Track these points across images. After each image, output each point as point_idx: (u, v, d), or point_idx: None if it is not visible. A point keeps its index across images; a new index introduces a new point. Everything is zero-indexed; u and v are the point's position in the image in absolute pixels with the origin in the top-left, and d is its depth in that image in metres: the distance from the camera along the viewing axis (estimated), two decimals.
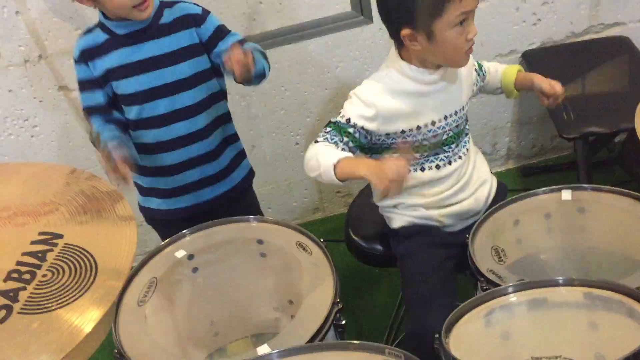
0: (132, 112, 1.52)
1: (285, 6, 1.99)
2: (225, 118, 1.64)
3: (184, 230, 1.46)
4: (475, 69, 1.52)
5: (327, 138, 1.33)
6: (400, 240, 1.51)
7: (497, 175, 1.57)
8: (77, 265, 0.77)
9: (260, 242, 1.45)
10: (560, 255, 1.43)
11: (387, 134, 1.37)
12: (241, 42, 1.47)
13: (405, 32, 1.27)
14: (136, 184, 1.68)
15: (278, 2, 1.98)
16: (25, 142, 2.07)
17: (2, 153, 2.07)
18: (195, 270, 1.45)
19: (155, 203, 1.67)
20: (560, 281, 1.05)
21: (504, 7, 2.14)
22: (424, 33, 1.26)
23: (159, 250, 1.43)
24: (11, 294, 0.74)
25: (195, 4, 1.54)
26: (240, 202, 1.71)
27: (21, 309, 0.73)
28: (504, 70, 1.57)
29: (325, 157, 1.27)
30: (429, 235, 1.47)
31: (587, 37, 2.26)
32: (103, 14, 1.47)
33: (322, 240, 1.37)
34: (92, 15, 1.86)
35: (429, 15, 1.23)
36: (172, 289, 1.42)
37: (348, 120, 1.34)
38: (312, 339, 1.15)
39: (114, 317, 1.25)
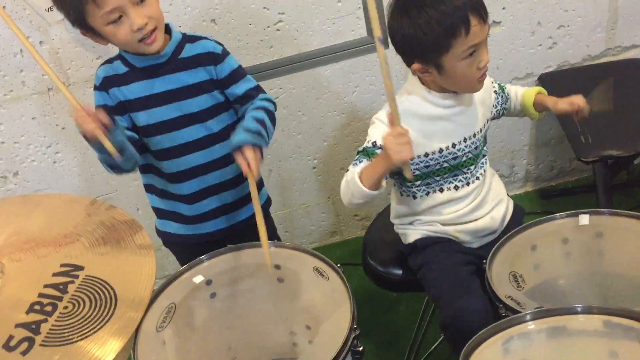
0: (150, 144, 1.55)
1: (302, 33, 2.01)
2: None
3: (202, 256, 1.47)
4: (495, 91, 1.53)
5: (355, 164, 1.36)
6: (417, 253, 1.51)
7: (515, 197, 1.57)
8: (98, 297, 0.78)
9: (277, 267, 1.45)
10: (579, 281, 1.41)
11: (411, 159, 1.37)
12: (255, 104, 1.53)
13: (415, 66, 1.31)
14: (156, 208, 1.70)
15: (295, 29, 2.01)
16: (48, 168, 2.10)
17: (25, 179, 2.11)
18: (213, 295, 1.46)
19: (174, 227, 1.68)
20: (579, 309, 1.04)
21: (520, 32, 2.15)
22: (434, 67, 1.28)
23: (177, 275, 1.43)
24: (33, 326, 0.75)
25: (217, 42, 1.56)
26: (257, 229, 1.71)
27: (43, 341, 0.74)
28: (523, 93, 1.58)
29: (350, 176, 1.32)
30: (446, 245, 1.47)
31: (604, 59, 2.25)
32: None
33: (339, 265, 1.37)
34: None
35: (436, 52, 1.25)
36: (190, 315, 1.43)
37: (374, 143, 1.36)
38: None
39: (134, 343, 1.25)
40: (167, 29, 1.49)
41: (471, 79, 1.30)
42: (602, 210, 1.41)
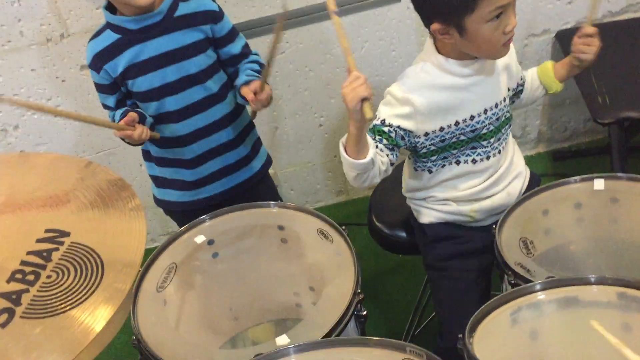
0: (150, 109, 1.52)
1: None
2: (241, 107, 1.63)
3: (204, 216, 1.45)
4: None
5: None
6: (429, 244, 1.47)
7: (527, 159, 1.51)
8: (84, 266, 0.75)
9: (281, 228, 1.43)
10: (591, 247, 1.38)
11: (426, 134, 1.31)
12: (249, 58, 1.56)
13: (435, 26, 1.21)
14: (154, 177, 1.68)
15: None
16: (48, 121, 2.07)
17: (26, 133, 2.08)
18: (215, 255, 1.44)
19: (175, 195, 1.66)
20: (592, 279, 1.00)
21: None
22: (455, 28, 1.19)
23: (178, 235, 1.42)
24: (14, 297, 0.73)
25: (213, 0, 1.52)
26: (259, 189, 1.69)
27: (23, 312, 0.71)
28: (537, 69, 1.49)
29: (340, 148, 1.27)
30: (460, 241, 1.43)
31: (626, 16, 2.16)
32: (110, 12, 1.44)
33: (343, 227, 1.34)
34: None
35: (459, 11, 1.15)
36: (191, 275, 1.41)
37: (383, 121, 1.30)
38: (332, 329, 1.13)
39: (133, 304, 1.24)
40: None
41: (495, 44, 1.21)
42: (619, 175, 1.36)
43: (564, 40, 2.12)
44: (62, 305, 0.72)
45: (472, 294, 1.38)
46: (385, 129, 1.29)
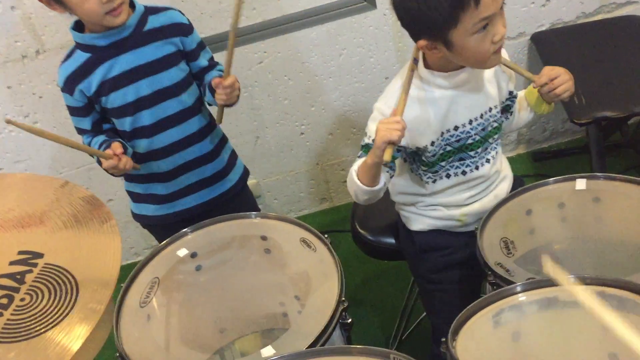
0: (125, 124, 1.51)
1: None
2: (211, 125, 1.62)
3: (185, 229, 1.44)
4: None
5: (357, 161, 1.30)
6: (419, 254, 1.47)
7: (508, 160, 1.51)
8: (57, 287, 0.74)
9: (264, 238, 1.42)
10: (574, 246, 1.39)
11: (418, 148, 1.30)
12: (216, 68, 1.57)
13: (422, 42, 1.18)
14: (130, 192, 1.67)
15: None
16: (27, 139, 2.05)
17: (4, 150, 2.06)
18: (198, 268, 1.43)
19: (151, 209, 1.65)
20: (572, 279, 1.01)
21: None
22: (442, 42, 1.17)
23: (160, 249, 1.40)
24: None
25: (181, 12, 1.52)
26: (236, 201, 1.69)
27: None
28: (524, 92, 1.45)
29: (351, 173, 1.27)
30: (450, 251, 1.43)
31: (599, 17, 2.19)
32: (78, 31, 1.43)
33: (326, 235, 1.34)
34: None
35: (443, 27, 1.13)
36: (175, 288, 1.40)
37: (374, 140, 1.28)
38: (318, 338, 1.13)
39: (116, 319, 1.23)
40: (130, 3, 1.43)
41: (484, 54, 1.17)
42: (597, 174, 1.37)
43: (539, 43, 2.14)
44: (37, 328, 0.71)
45: (467, 301, 1.38)
46: None
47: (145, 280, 1.34)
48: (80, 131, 1.53)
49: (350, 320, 1.21)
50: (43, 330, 0.71)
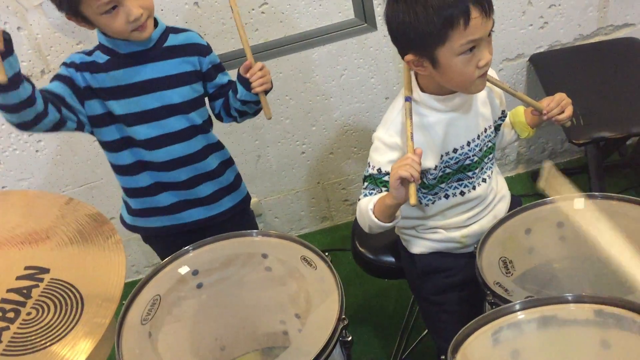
0: (123, 132, 1.52)
1: (288, 15, 1.97)
2: (218, 145, 1.65)
3: (187, 246, 1.45)
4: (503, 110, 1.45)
5: (366, 194, 1.31)
6: (421, 277, 1.48)
7: (507, 180, 1.53)
8: (63, 302, 0.75)
9: (264, 256, 1.43)
10: (572, 266, 1.39)
11: (422, 172, 1.30)
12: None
13: (409, 57, 1.21)
14: (129, 205, 1.67)
15: (280, 12, 1.96)
16: (30, 157, 2.06)
17: (7, 168, 2.07)
18: (199, 286, 1.44)
19: (152, 221, 1.66)
20: (570, 298, 1.02)
21: (510, 11, 2.11)
22: (428, 59, 1.19)
23: (162, 267, 1.41)
24: None
25: (199, 34, 1.57)
26: (236, 223, 1.69)
27: (4, 350, 0.70)
28: (510, 112, 1.49)
29: (364, 209, 1.28)
30: (451, 273, 1.44)
31: (596, 39, 2.22)
32: (103, 34, 1.46)
33: (326, 254, 1.35)
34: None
35: (431, 43, 1.16)
36: (176, 306, 1.40)
37: (379, 170, 1.30)
38: (318, 356, 1.13)
39: (117, 336, 1.23)
40: (154, 20, 1.47)
41: (469, 78, 1.19)
42: (595, 194, 1.39)
43: (537, 64, 2.17)
44: (43, 342, 0.71)
45: (469, 322, 1.38)
46: (386, 178, 1.29)
47: (147, 297, 1.34)
48: (43, 91, 1.38)
49: (350, 338, 1.21)
50: (49, 344, 0.72)
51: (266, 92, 1.52)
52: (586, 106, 1.89)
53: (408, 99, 1.26)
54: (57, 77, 1.46)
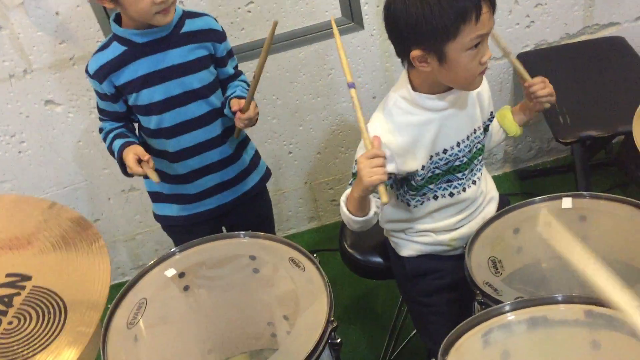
0: (151, 122, 1.54)
1: (274, 14, 1.95)
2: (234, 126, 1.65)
3: (173, 249, 1.43)
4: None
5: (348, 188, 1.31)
6: (410, 279, 1.47)
7: (494, 179, 1.53)
8: (46, 310, 0.73)
9: (252, 257, 1.42)
10: (561, 264, 1.39)
11: (408, 173, 1.31)
12: (239, 77, 1.63)
13: (415, 53, 1.19)
14: (154, 193, 1.68)
15: (267, 11, 1.95)
16: (13, 158, 2.03)
17: None
18: (186, 288, 1.42)
19: (175, 210, 1.67)
20: (560, 298, 1.02)
21: (497, 10, 2.05)
22: (435, 55, 1.19)
23: (148, 269, 1.39)
24: None
25: (215, 19, 1.57)
26: (255, 203, 1.74)
27: None
28: (497, 113, 1.49)
29: (341, 204, 1.29)
30: (440, 275, 1.44)
31: (582, 38, 2.23)
32: (117, 25, 1.46)
33: (315, 255, 1.34)
34: (77, 29, 1.85)
35: (442, 37, 1.16)
36: (162, 309, 1.39)
37: None
38: (307, 359, 1.12)
39: (102, 341, 1.22)
40: None
41: (472, 73, 1.21)
42: (583, 193, 1.39)
43: (524, 63, 2.15)
44: (25, 352, 0.69)
45: (459, 323, 1.38)
46: None
47: (133, 300, 1.33)
48: (102, 112, 1.56)
49: (339, 340, 1.20)
50: (31, 354, 0.70)
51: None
52: (572, 105, 1.89)
53: (352, 85, 1.24)
54: (98, 95, 1.52)
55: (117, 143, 1.51)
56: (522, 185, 2.44)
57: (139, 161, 1.44)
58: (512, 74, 2.26)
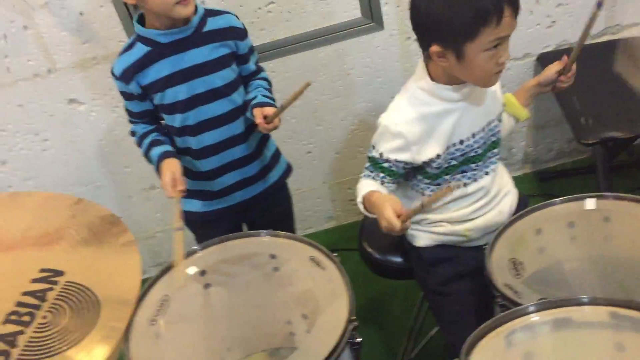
0: (175, 121, 1.55)
1: (295, 15, 1.96)
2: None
3: (195, 247, 1.44)
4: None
5: (367, 174, 1.36)
6: (427, 268, 1.48)
7: (514, 179, 1.53)
8: (79, 305, 0.74)
9: (273, 256, 1.43)
10: (583, 265, 1.39)
11: (425, 162, 1.33)
12: (259, 75, 1.65)
13: (434, 48, 1.22)
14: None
15: (287, 11, 1.95)
16: (37, 156, 2.06)
17: (14, 168, 2.07)
18: (207, 286, 1.43)
19: (197, 205, 1.69)
20: (585, 300, 1.01)
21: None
22: (453, 52, 1.21)
23: (170, 267, 1.40)
24: (9, 339, 0.71)
25: (236, 16, 1.58)
26: (277, 197, 1.76)
27: (19, 354, 0.69)
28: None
29: (359, 194, 1.34)
30: (458, 261, 1.44)
31: (604, 38, 2.21)
32: (141, 25, 1.47)
33: (335, 254, 1.34)
34: (101, 28, 1.87)
35: (461, 37, 1.18)
36: (184, 306, 1.40)
37: (381, 155, 1.33)
38: (327, 358, 1.13)
39: (125, 338, 1.23)
40: None
41: (488, 73, 1.24)
42: (607, 194, 1.38)
43: (545, 63, 2.14)
44: (59, 346, 0.70)
45: (478, 314, 1.38)
46: (386, 165, 1.33)
47: (155, 298, 1.34)
48: (131, 114, 1.59)
49: (359, 339, 1.21)
50: (65, 348, 0.71)
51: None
52: (594, 106, 1.88)
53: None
54: (124, 96, 1.54)
55: (155, 152, 1.54)
56: (541, 187, 2.43)
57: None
58: (532, 75, 2.25)
